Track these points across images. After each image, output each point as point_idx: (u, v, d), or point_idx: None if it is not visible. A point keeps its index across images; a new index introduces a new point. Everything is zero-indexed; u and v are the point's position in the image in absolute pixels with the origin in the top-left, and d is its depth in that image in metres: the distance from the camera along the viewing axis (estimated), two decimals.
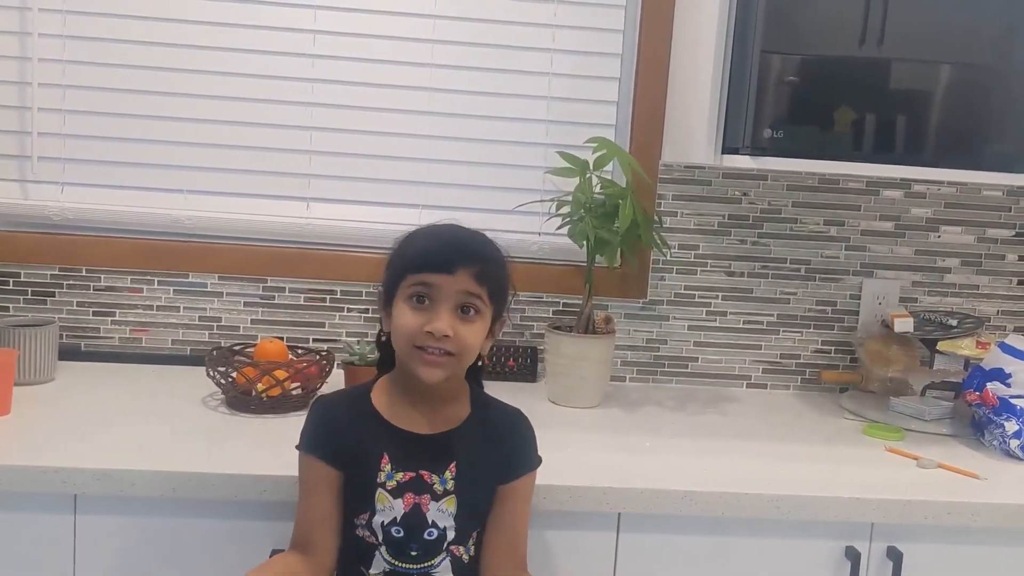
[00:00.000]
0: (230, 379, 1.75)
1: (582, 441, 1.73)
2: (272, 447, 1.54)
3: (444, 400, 1.34)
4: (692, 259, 2.14)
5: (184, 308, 2.07)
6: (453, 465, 1.30)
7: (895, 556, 1.53)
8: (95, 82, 2.02)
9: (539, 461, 1.38)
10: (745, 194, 2.13)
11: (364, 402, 1.34)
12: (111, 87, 2.03)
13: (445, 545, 1.29)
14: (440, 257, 1.27)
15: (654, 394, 2.09)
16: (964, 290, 2.21)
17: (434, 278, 1.26)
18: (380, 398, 1.34)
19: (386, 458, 1.28)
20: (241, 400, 1.75)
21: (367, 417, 1.32)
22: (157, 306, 2.07)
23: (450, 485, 1.29)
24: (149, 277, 2.06)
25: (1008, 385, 1.79)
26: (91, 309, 2.05)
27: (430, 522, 1.28)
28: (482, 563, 1.34)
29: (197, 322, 2.08)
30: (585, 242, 1.92)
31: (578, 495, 1.47)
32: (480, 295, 1.27)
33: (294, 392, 1.76)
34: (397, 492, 1.28)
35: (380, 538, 1.28)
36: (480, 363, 1.39)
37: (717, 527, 1.51)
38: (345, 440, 1.30)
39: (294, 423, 1.35)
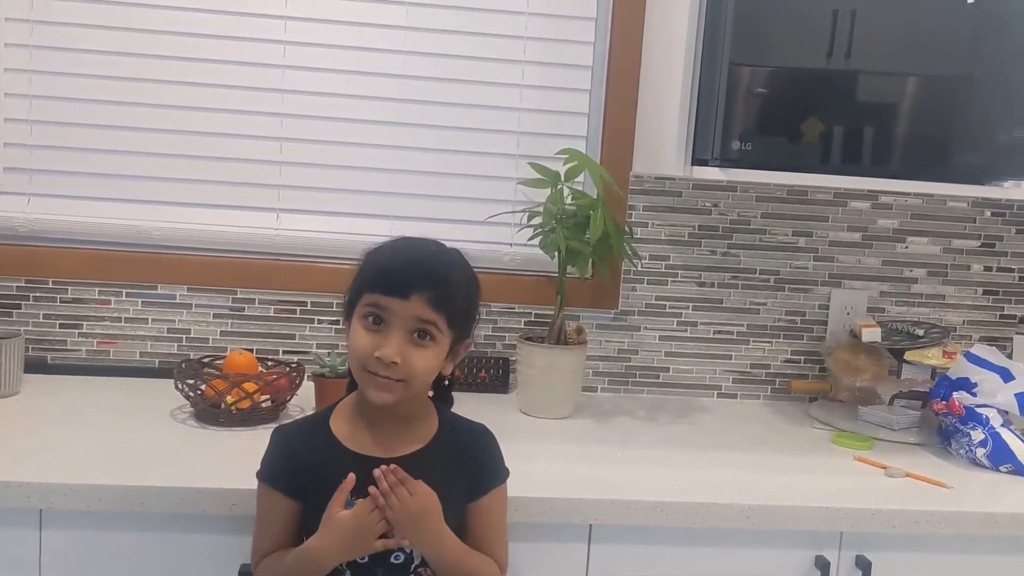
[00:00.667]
0: (199, 392, 1.73)
1: (553, 452, 1.73)
2: (242, 460, 1.52)
3: (406, 421, 1.31)
4: (663, 270, 2.15)
5: (152, 320, 2.05)
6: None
7: (864, 565, 1.54)
8: (62, 92, 2.00)
9: (507, 473, 1.36)
10: (715, 205, 2.15)
11: (323, 429, 1.31)
12: (78, 97, 2.01)
13: (412, 568, 1.28)
14: (394, 280, 1.23)
15: (626, 404, 2.09)
16: (931, 300, 2.23)
17: (387, 301, 1.23)
18: (340, 423, 1.31)
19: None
20: (210, 413, 1.73)
21: (326, 445, 1.29)
22: (125, 318, 2.05)
23: None
24: (117, 289, 2.04)
25: (974, 394, 1.81)
26: (57, 321, 2.03)
27: (396, 546, 1.25)
28: None
29: (166, 334, 2.06)
30: (557, 253, 1.92)
31: (549, 506, 1.46)
32: (435, 321, 1.24)
33: (264, 405, 1.75)
34: None
35: (344, 564, 1.26)
36: (447, 381, 1.37)
37: (688, 538, 1.52)
38: (304, 470, 1.27)
39: (264, 436, 1.34)
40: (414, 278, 1.23)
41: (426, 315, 1.23)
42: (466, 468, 1.32)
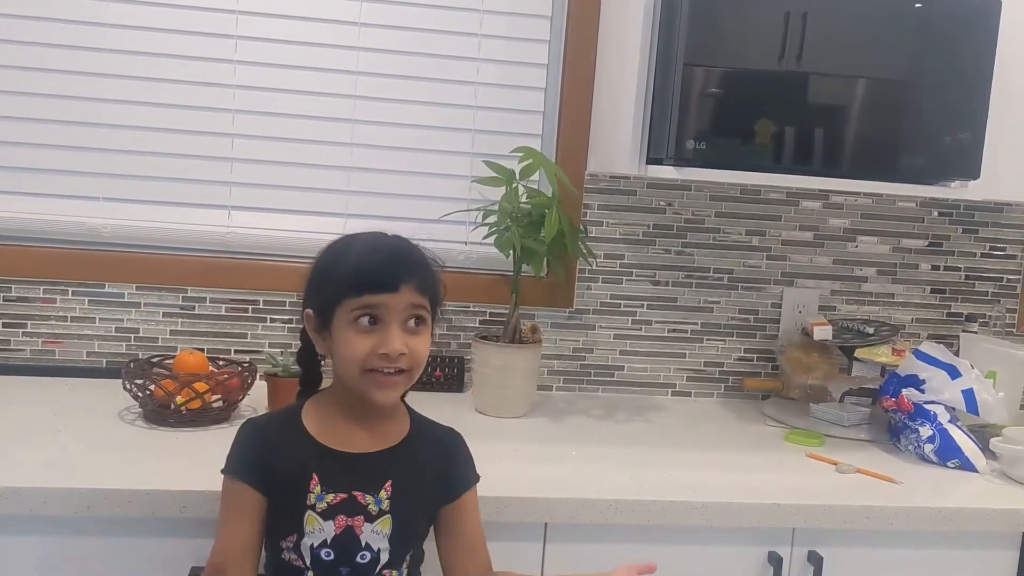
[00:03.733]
0: (148, 392, 1.70)
1: (509, 451, 1.73)
2: (192, 462, 1.50)
3: (382, 419, 1.31)
4: (618, 268, 2.16)
5: (100, 319, 2.01)
6: (389, 484, 1.26)
7: (816, 560, 1.56)
8: (8, 86, 1.96)
9: (477, 478, 1.36)
10: (669, 204, 2.16)
11: (295, 423, 1.29)
12: (24, 91, 1.96)
13: (378, 569, 1.26)
14: (382, 276, 1.23)
15: (581, 403, 2.10)
16: (880, 298, 2.27)
17: (379, 299, 1.22)
18: (311, 418, 1.30)
19: (315, 479, 1.24)
20: (159, 414, 1.70)
21: (297, 438, 1.28)
22: (71, 317, 2.01)
23: (385, 505, 1.26)
24: (63, 287, 2.00)
25: (922, 391, 1.84)
26: (1, 320, 1.98)
27: (363, 544, 1.24)
28: None
29: (114, 333, 2.02)
30: (511, 251, 1.92)
31: (505, 505, 1.46)
32: (424, 305, 1.25)
33: (215, 405, 1.72)
34: (328, 514, 1.24)
35: (307, 562, 1.24)
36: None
37: (643, 535, 1.52)
38: (274, 463, 1.25)
39: (215, 436, 1.32)
40: (400, 270, 1.23)
41: (417, 300, 1.24)
42: (438, 469, 1.32)
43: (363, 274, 1.23)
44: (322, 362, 1.36)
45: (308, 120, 2.05)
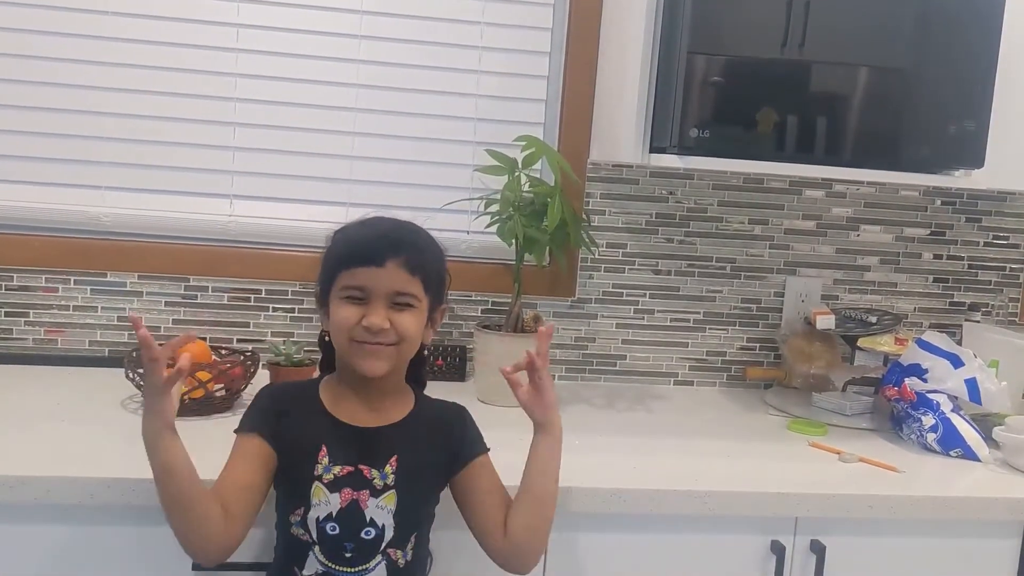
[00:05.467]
0: None
1: (511, 440, 1.72)
2: (195, 451, 1.49)
3: (386, 396, 1.33)
4: (620, 257, 2.16)
5: (102, 308, 2.01)
6: (394, 459, 1.28)
7: (818, 549, 1.56)
8: (8, 74, 1.95)
9: (487, 448, 1.38)
10: (672, 193, 2.15)
11: (311, 393, 1.33)
12: (25, 79, 1.96)
13: (382, 547, 1.27)
14: (369, 251, 1.26)
15: (582, 392, 2.10)
16: (883, 288, 2.27)
17: (365, 272, 1.25)
18: (327, 393, 1.34)
19: (324, 450, 1.27)
20: None
21: (312, 407, 1.31)
22: (74, 306, 2.00)
23: (390, 480, 1.27)
24: (65, 276, 1.99)
25: (925, 380, 1.84)
26: (3, 310, 1.98)
27: (368, 519, 1.26)
28: (507, 522, 1.31)
29: (116, 323, 2.02)
30: (514, 241, 1.92)
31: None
32: (412, 290, 1.27)
33: (217, 394, 1.72)
34: (334, 486, 1.26)
35: (314, 536, 1.25)
36: (421, 364, 1.39)
37: (646, 524, 1.52)
38: (289, 427, 1.28)
39: (218, 425, 1.32)
40: (387, 245, 1.26)
41: (403, 282, 1.26)
42: (443, 444, 1.34)
43: (352, 248, 1.28)
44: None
45: (310, 109, 2.05)
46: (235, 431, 1.30)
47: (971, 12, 1.76)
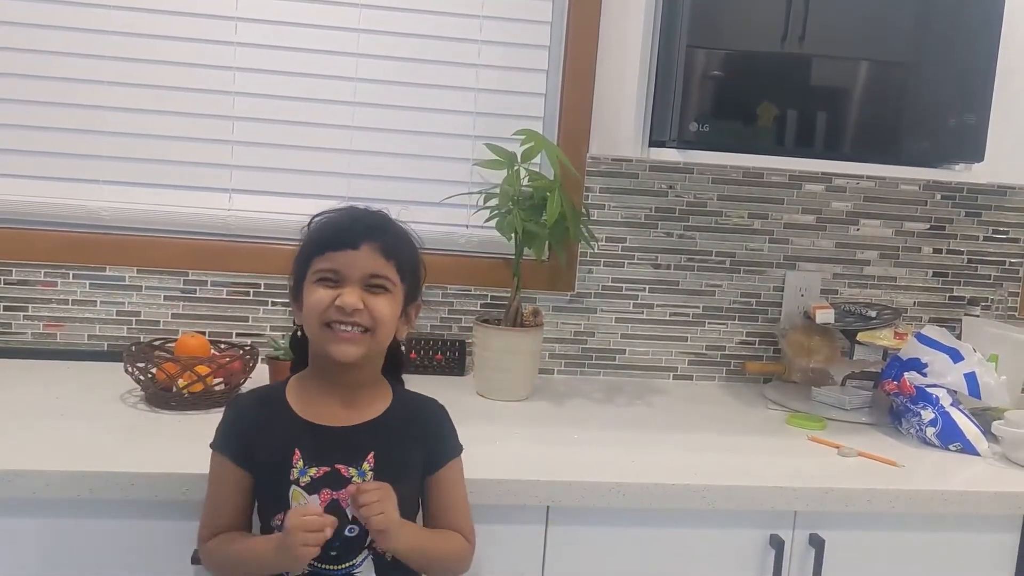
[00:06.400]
0: (150, 375, 1.70)
1: (511, 434, 1.73)
2: (194, 445, 1.49)
3: (360, 391, 1.32)
4: (619, 252, 2.16)
5: (101, 302, 2.01)
6: (371, 456, 1.27)
7: (817, 543, 1.56)
8: (7, 68, 1.95)
9: (460, 448, 1.37)
10: (671, 187, 2.15)
11: (278, 399, 1.31)
12: (24, 73, 1.95)
13: (367, 542, 1.27)
14: (343, 234, 1.26)
15: (582, 386, 2.10)
16: (882, 282, 2.26)
17: (339, 256, 1.25)
18: (294, 395, 1.32)
19: (297, 454, 1.25)
20: (161, 397, 1.70)
21: (279, 414, 1.29)
22: (73, 300, 2.00)
23: (369, 477, 1.26)
24: (64, 270, 1.99)
25: (924, 374, 1.84)
26: (2, 304, 1.98)
27: (350, 517, 1.25)
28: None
29: (115, 317, 2.02)
30: (513, 235, 1.91)
31: (507, 488, 1.46)
32: (387, 273, 1.26)
33: (216, 388, 1.72)
34: (312, 488, 1.25)
35: None
36: (398, 356, 1.38)
37: (645, 518, 1.52)
38: (256, 441, 1.27)
39: (217, 420, 1.32)
40: (362, 229, 1.27)
41: (378, 265, 1.26)
42: (421, 440, 1.33)
43: (326, 233, 1.28)
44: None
45: (309, 103, 2.04)
46: (210, 444, 1.31)
47: (971, 5, 1.76)
